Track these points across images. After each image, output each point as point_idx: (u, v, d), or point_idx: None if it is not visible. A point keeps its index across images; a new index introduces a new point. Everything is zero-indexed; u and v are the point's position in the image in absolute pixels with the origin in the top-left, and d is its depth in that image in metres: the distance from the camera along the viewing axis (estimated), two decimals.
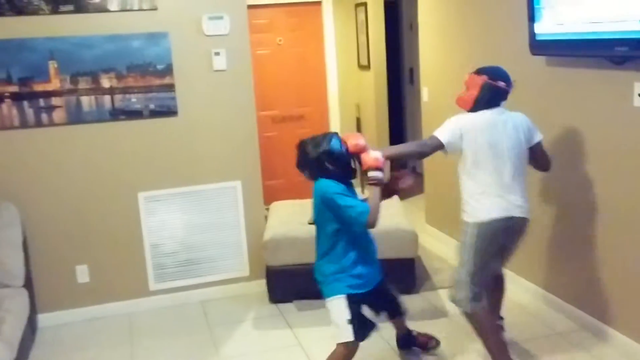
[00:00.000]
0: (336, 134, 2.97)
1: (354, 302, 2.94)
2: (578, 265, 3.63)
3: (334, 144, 2.88)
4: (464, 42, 4.62)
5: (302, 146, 2.95)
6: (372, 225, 2.84)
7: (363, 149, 2.91)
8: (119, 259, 4.20)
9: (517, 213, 3.02)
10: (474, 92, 3.06)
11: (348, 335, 2.92)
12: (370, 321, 3.06)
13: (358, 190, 3.05)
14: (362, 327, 2.97)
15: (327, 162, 2.87)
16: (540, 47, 3.54)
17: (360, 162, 2.94)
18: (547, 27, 3.45)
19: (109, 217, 4.15)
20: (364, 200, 2.92)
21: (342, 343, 2.95)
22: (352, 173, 2.96)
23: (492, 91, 3.04)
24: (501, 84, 3.05)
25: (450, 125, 3.06)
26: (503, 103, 3.10)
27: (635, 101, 3.07)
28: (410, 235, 4.18)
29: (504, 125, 3.02)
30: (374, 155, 2.91)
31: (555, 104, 3.68)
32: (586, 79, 3.40)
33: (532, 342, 3.52)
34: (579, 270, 3.63)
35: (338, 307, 2.94)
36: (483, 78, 3.04)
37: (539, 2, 3.47)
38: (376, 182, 2.92)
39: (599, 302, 3.48)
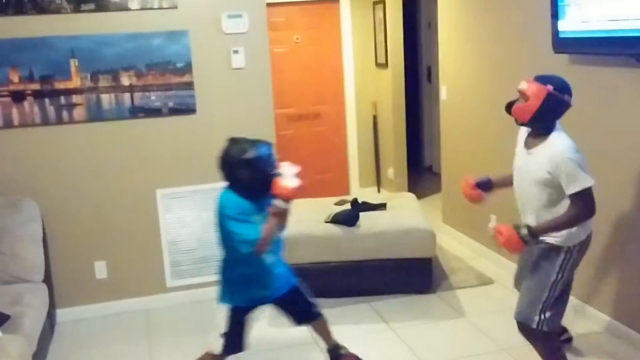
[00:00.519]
0: (267, 144, 2.80)
1: (236, 315, 2.92)
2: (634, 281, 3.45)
3: (260, 154, 2.72)
4: (484, 39, 4.59)
5: (228, 145, 2.80)
6: (258, 255, 2.74)
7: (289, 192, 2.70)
8: (137, 256, 4.23)
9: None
10: (536, 103, 2.67)
11: (217, 347, 2.93)
12: (242, 343, 2.99)
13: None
14: (232, 344, 2.94)
15: (243, 170, 2.72)
16: (564, 44, 3.50)
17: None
18: (571, 24, 3.41)
19: (127, 214, 4.18)
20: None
21: (209, 352, 2.96)
22: (267, 189, 2.73)
23: (556, 104, 2.71)
24: (567, 97, 2.72)
25: (581, 163, 2.66)
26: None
27: None
28: (428, 234, 4.17)
29: None
30: (288, 184, 2.69)
31: (578, 103, 3.63)
32: (611, 77, 3.35)
33: None
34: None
35: (224, 315, 2.93)
36: (548, 88, 2.68)
37: None
38: (276, 212, 2.72)
39: None
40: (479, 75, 4.71)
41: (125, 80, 3.99)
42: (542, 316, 2.77)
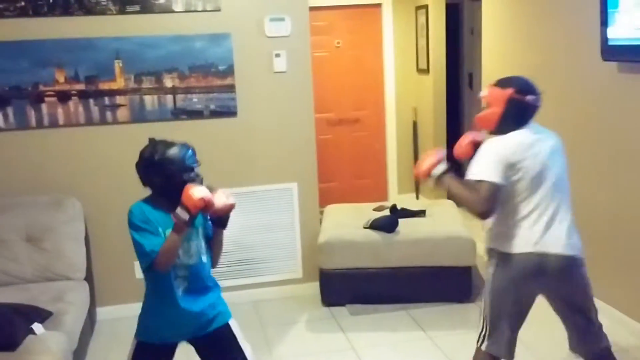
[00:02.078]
0: (186, 146, 2.47)
1: (140, 354, 2.53)
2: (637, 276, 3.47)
3: (169, 156, 2.39)
4: (529, 46, 4.50)
5: (145, 146, 2.49)
6: (159, 269, 2.36)
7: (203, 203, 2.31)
8: None
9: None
10: (498, 109, 2.52)
11: None
12: None
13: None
14: None
15: (153, 173, 2.42)
16: (613, 52, 3.41)
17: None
18: (621, 31, 3.32)
19: None
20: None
21: None
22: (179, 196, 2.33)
23: (519, 107, 2.53)
24: (530, 97, 2.54)
25: (490, 158, 2.46)
26: (532, 120, 2.58)
27: None
28: (468, 243, 4.10)
29: (542, 144, 2.53)
30: (193, 193, 2.29)
31: (628, 113, 3.52)
32: None
33: None
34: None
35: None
36: (508, 92, 2.52)
37: (613, 6, 3.34)
38: (176, 222, 2.32)
39: None
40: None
41: (168, 82, 4.03)
42: (484, 330, 2.59)
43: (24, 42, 3.82)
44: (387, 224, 4.18)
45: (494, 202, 2.43)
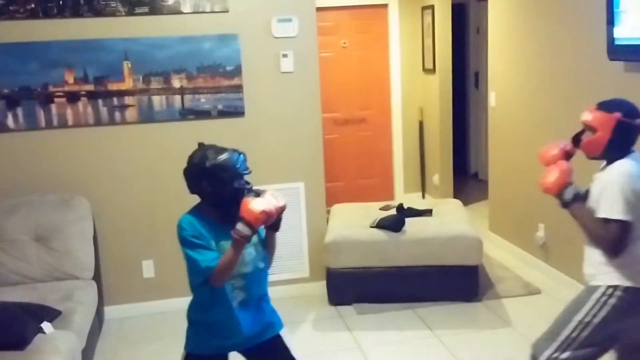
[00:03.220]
0: (238, 152, 2.39)
1: None
2: None
3: (221, 163, 2.31)
4: (535, 46, 4.50)
5: (193, 153, 2.41)
6: (215, 285, 2.28)
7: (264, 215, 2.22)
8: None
9: None
10: (606, 135, 2.40)
11: None
12: None
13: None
14: None
15: (203, 180, 2.33)
16: (620, 52, 3.41)
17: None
18: (627, 31, 3.32)
19: (175, 214, 4.17)
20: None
21: None
22: (236, 208, 2.25)
23: (628, 131, 2.41)
24: (638, 121, 2.42)
25: (622, 194, 2.33)
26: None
27: None
28: (475, 242, 4.11)
29: None
30: (253, 206, 2.21)
31: None
32: None
33: None
34: None
35: None
36: (616, 116, 2.40)
37: (619, 5, 3.35)
38: (236, 238, 2.21)
39: None
40: (530, 82, 4.62)
41: (176, 83, 4.06)
42: (555, 355, 2.45)
43: (34, 44, 3.85)
44: (393, 223, 4.19)
45: (627, 241, 2.33)
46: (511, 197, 5.02)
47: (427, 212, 4.56)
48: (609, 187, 2.37)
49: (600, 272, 2.44)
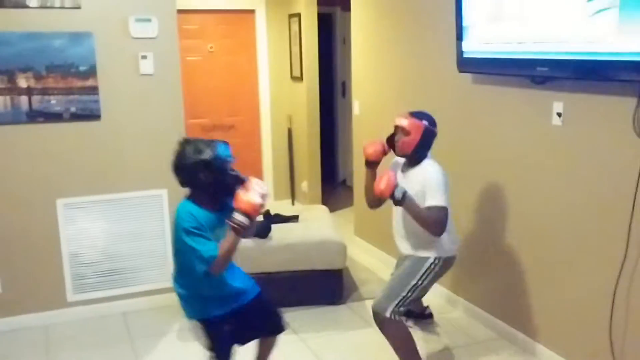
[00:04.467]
0: (225, 143, 2.64)
1: (213, 327, 2.75)
2: (495, 275, 3.72)
3: (218, 154, 2.55)
4: (395, 57, 4.68)
5: (181, 146, 2.60)
6: (215, 274, 2.55)
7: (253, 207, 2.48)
8: (35, 269, 3.99)
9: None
10: (417, 137, 3.10)
11: None
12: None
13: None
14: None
15: (201, 172, 2.54)
16: (467, 64, 3.62)
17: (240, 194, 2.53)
18: (473, 45, 3.54)
19: (24, 225, 3.93)
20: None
21: None
22: (228, 195, 2.58)
23: (430, 137, 3.15)
24: (436, 129, 3.17)
25: (443, 186, 3.05)
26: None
27: (553, 120, 3.18)
28: (339, 246, 4.18)
29: None
30: (251, 198, 2.47)
31: (479, 120, 3.77)
32: (509, 97, 3.50)
33: (452, 351, 3.57)
34: (497, 280, 3.72)
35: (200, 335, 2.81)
36: (424, 123, 3.11)
37: (464, 20, 3.55)
38: (237, 228, 2.48)
39: (517, 312, 3.57)
40: (390, 91, 4.80)
41: (23, 82, 3.77)
42: (396, 309, 3.09)
43: None
44: (260, 230, 4.16)
45: (446, 222, 3.03)
46: None
47: (294, 218, 4.58)
48: (433, 182, 3.04)
49: (428, 248, 3.15)
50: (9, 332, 3.92)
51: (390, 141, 3.26)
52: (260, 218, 4.44)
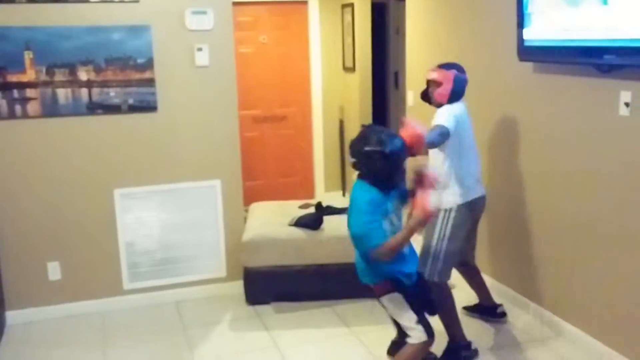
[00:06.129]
0: (401, 138, 2.77)
1: (408, 291, 2.89)
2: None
3: (396, 150, 2.69)
4: (451, 46, 4.58)
5: (365, 133, 2.75)
6: (375, 259, 2.75)
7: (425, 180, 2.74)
8: (93, 257, 4.09)
9: (483, 192, 3.45)
10: (449, 86, 3.26)
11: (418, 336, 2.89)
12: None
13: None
14: (427, 323, 2.91)
15: (377, 163, 2.69)
16: (528, 53, 3.51)
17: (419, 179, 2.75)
18: (535, 33, 3.42)
19: (83, 214, 4.04)
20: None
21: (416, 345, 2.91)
22: (394, 185, 2.80)
23: (462, 84, 3.31)
24: (465, 76, 3.33)
25: (449, 112, 3.22)
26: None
27: (620, 110, 3.04)
28: None
29: (468, 115, 3.35)
30: (431, 205, 2.69)
31: (541, 110, 3.65)
32: (573, 86, 3.37)
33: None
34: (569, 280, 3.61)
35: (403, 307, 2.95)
36: (454, 72, 3.28)
37: (528, 7, 3.44)
38: (412, 227, 2.69)
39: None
40: None
41: (83, 75, 3.86)
42: (433, 267, 3.27)
43: None
44: (311, 222, 4.16)
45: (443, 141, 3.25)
46: None
47: (346, 210, 4.54)
48: (439, 112, 3.26)
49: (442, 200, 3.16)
50: (68, 318, 4.03)
51: (425, 95, 3.43)
52: (312, 210, 4.43)
